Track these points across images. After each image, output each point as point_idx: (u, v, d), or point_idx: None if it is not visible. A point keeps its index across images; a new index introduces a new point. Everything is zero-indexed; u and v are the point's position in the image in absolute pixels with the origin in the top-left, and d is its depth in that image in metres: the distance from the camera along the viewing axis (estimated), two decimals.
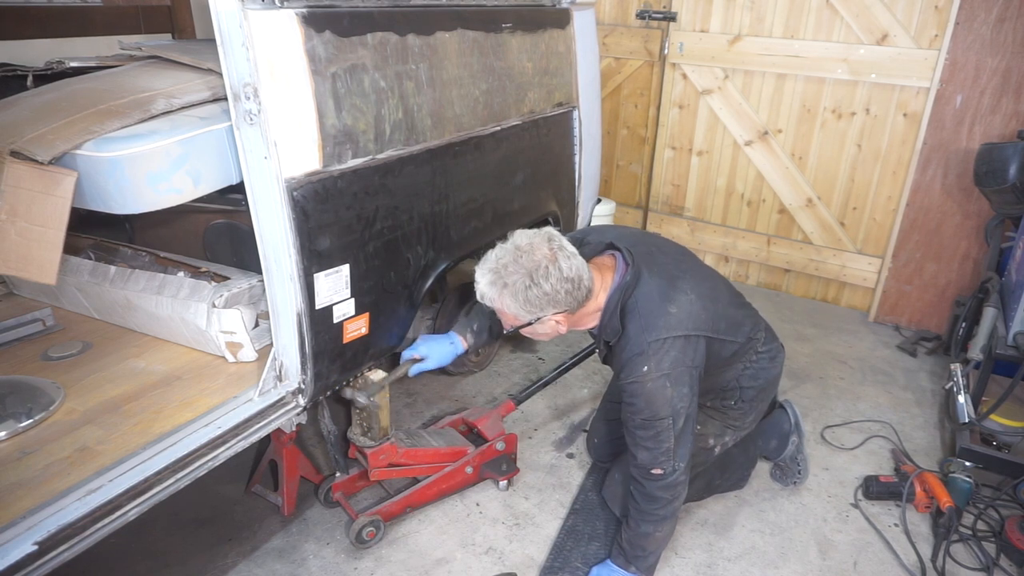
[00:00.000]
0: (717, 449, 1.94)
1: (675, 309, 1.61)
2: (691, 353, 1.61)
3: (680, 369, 1.59)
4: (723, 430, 1.93)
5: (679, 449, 1.62)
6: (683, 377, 1.59)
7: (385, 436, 1.93)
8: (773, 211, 3.57)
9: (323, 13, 1.54)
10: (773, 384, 1.95)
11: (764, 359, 1.88)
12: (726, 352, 1.76)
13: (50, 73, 2.03)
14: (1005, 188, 2.62)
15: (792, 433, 2.13)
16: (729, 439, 1.95)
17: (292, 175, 1.52)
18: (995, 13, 2.74)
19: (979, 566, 1.91)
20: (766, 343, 1.89)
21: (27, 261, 1.44)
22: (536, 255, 1.53)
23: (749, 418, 1.94)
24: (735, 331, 1.77)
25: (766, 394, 1.95)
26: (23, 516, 1.26)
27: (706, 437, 1.90)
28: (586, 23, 2.60)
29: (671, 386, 1.58)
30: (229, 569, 1.85)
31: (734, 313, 1.79)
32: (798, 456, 2.14)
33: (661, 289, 1.63)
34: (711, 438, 1.91)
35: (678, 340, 1.59)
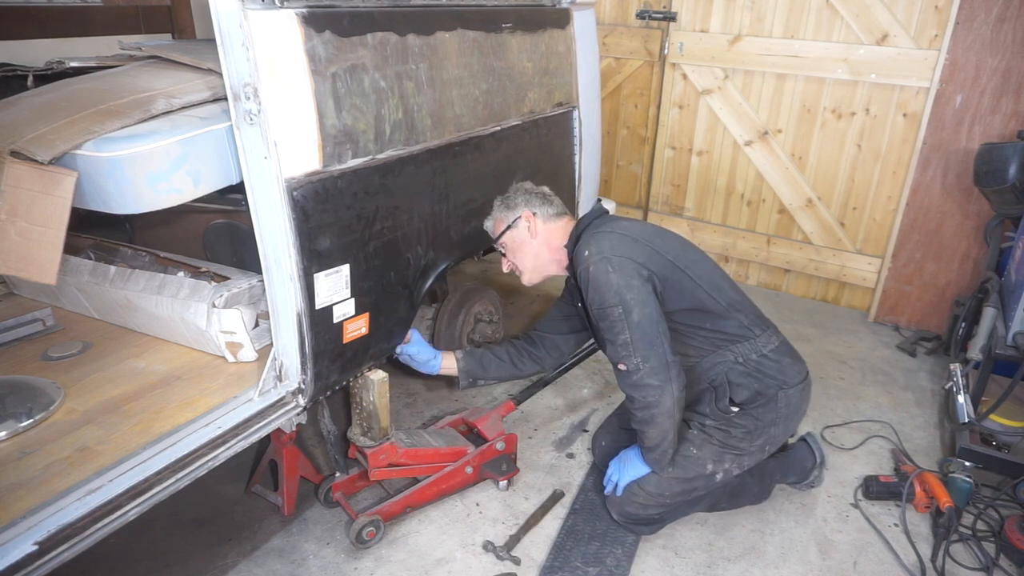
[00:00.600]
0: (719, 476, 1.87)
1: (626, 223, 1.84)
2: (638, 252, 1.72)
3: (622, 259, 1.69)
4: (721, 455, 1.85)
5: (639, 345, 1.68)
6: (628, 268, 1.68)
7: (385, 436, 1.93)
8: (773, 211, 3.57)
9: (323, 13, 1.54)
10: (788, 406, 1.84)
11: (768, 362, 1.83)
12: (702, 299, 1.77)
13: (50, 73, 2.03)
14: (1005, 188, 2.62)
15: (815, 469, 2.12)
16: (731, 465, 1.87)
17: (292, 175, 1.52)
18: (995, 13, 2.74)
19: (979, 566, 1.91)
20: (777, 353, 1.84)
21: (27, 261, 1.44)
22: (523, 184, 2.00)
23: (755, 443, 1.85)
24: (711, 285, 1.79)
25: (779, 416, 1.83)
26: (23, 516, 1.26)
27: (704, 461, 1.85)
28: (586, 23, 2.60)
29: (614, 271, 1.68)
30: (229, 569, 1.85)
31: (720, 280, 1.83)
32: (815, 480, 2.16)
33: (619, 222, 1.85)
34: (709, 463, 1.85)
35: (623, 237, 1.75)
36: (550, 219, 1.92)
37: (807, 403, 1.93)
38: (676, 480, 1.86)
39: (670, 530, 2.02)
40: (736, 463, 1.88)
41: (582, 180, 2.78)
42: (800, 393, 1.88)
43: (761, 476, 2.08)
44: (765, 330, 1.87)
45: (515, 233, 1.94)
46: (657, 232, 1.86)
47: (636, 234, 1.79)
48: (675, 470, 1.85)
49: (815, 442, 2.16)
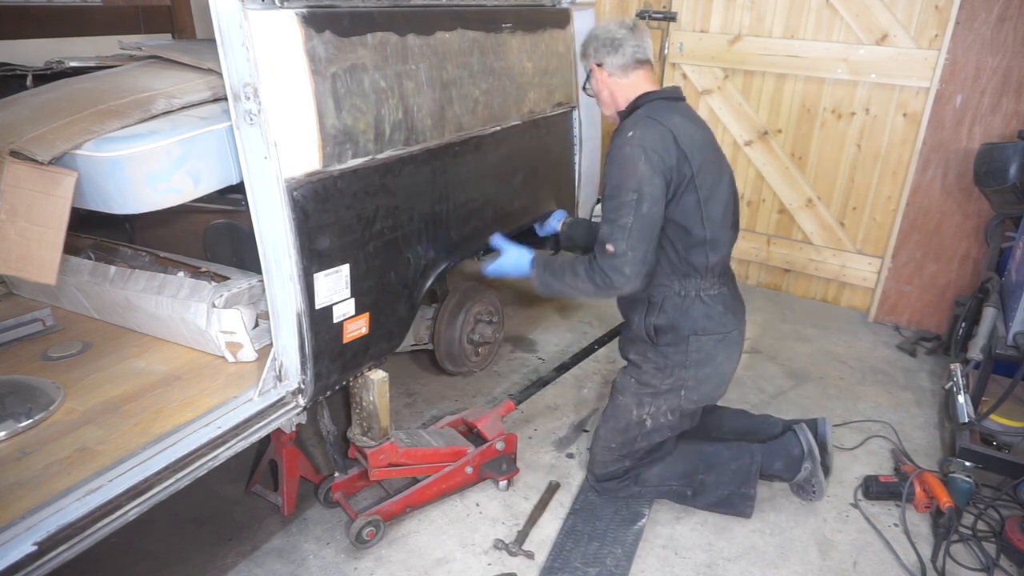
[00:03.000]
0: (648, 421, 1.99)
1: (679, 119, 1.81)
2: (672, 156, 1.75)
3: (657, 156, 1.73)
4: (639, 396, 1.97)
5: (635, 235, 1.74)
6: (658, 167, 1.73)
7: (385, 436, 1.93)
8: (773, 211, 3.57)
9: (323, 13, 1.54)
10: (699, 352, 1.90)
11: (699, 304, 1.88)
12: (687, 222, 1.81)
13: (50, 73, 2.03)
14: (1005, 188, 2.62)
15: (805, 459, 2.08)
16: (652, 409, 1.97)
17: (292, 175, 1.52)
18: (995, 13, 2.74)
19: (979, 566, 1.91)
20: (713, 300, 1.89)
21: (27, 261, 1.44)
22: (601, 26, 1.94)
23: (667, 381, 1.94)
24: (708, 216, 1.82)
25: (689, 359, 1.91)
26: (23, 516, 1.26)
27: (628, 408, 1.99)
28: (586, 23, 2.60)
29: (645, 162, 1.72)
30: (229, 569, 1.85)
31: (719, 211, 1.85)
32: (812, 479, 2.09)
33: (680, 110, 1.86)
34: (633, 408, 1.98)
35: (667, 134, 1.76)
36: (617, 72, 1.90)
37: (726, 357, 1.96)
38: (613, 431, 2.03)
39: (670, 530, 2.02)
40: (655, 405, 1.97)
41: (582, 180, 2.78)
42: (715, 344, 1.91)
43: (739, 451, 2.06)
44: (718, 276, 1.92)
45: (592, 80, 1.98)
46: (704, 142, 1.86)
47: (684, 135, 1.79)
48: (610, 421, 2.03)
49: (804, 432, 2.09)
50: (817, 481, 2.09)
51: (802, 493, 2.15)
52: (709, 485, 2.04)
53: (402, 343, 2.11)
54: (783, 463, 2.10)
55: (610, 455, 2.06)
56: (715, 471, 2.04)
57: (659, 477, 2.06)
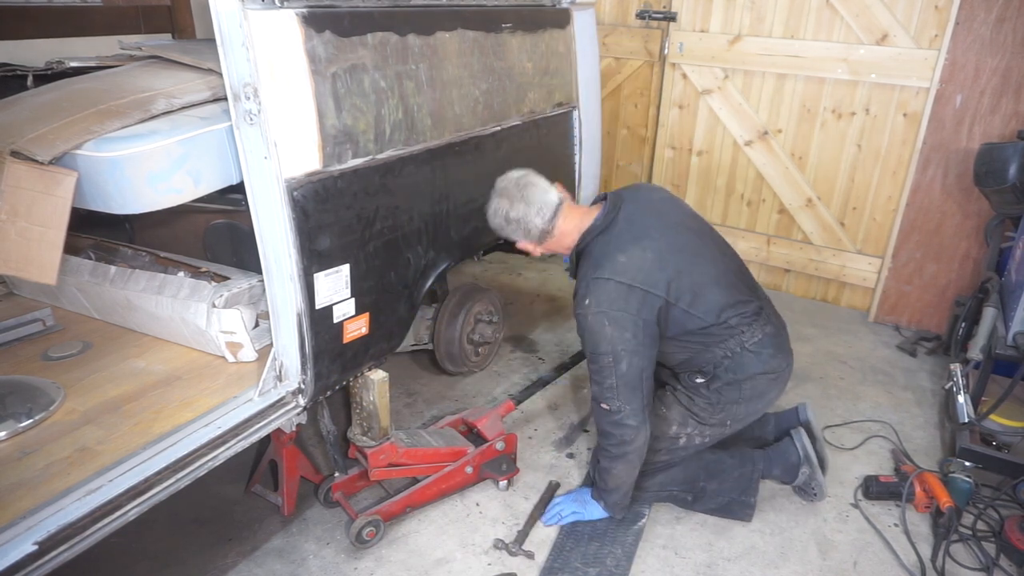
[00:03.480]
0: (682, 440, 1.97)
1: (624, 258, 1.79)
2: (633, 302, 1.76)
3: (620, 313, 1.75)
4: (685, 418, 1.95)
5: (623, 392, 1.78)
6: (624, 322, 1.75)
7: (385, 436, 1.93)
8: (773, 211, 3.57)
9: (323, 13, 1.54)
10: (753, 390, 1.92)
11: (748, 355, 1.88)
12: (692, 324, 1.83)
13: (50, 73, 2.03)
14: (1005, 188, 2.62)
15: (802, 465, 2.09)
16: (693, 431, 1.96)
17: (292, 175, 1.52)
18: (995, 13, 2.74)
19: (979, 566, 1.91)
20: (759, 345, 1.89)
21: (27, 261, 1.44)
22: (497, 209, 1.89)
23: (717, 416, 1.94)
24: (702, 306, 1.83)
25: (742, 397, 1.92)
26: (23, 516, 1.26)
27: (669, 423, 1.97)
28: (586, 23, 2.60)
29: (609, 325, 1.75)
30: (229, 569, 1.85)
31: (712, 291, 1.85)
32: (812, 483, 2.11)
33: (621, 240, 1.82)
34: (674, 424, 1.97)
35: (619, 286, 1.76)
36: (546, 237, 1.90)
37: (777, 391, 1.99)
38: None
39: (670, 530, 2.02)
40: (698, 431, 1.97)
41: (582, 180, 2.78)
42: (769, 383, 1.94)
43: (742, 460, 2.07)
44: (754, 322, 1.90)
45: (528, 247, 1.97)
46: (662, 251, 1.81)
47: (635, 270, 1.77)
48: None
49: (800, 438, 2.12)
50: (816, 484, 2.10)
51: (803, 495, 2.16)
52: (710, 492, 2.05)
53: (402, 343, 2.11)
54: (781, 469, 2.12)
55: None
56: (717, 479, 2.04)
57: (660, 484, 2.05)
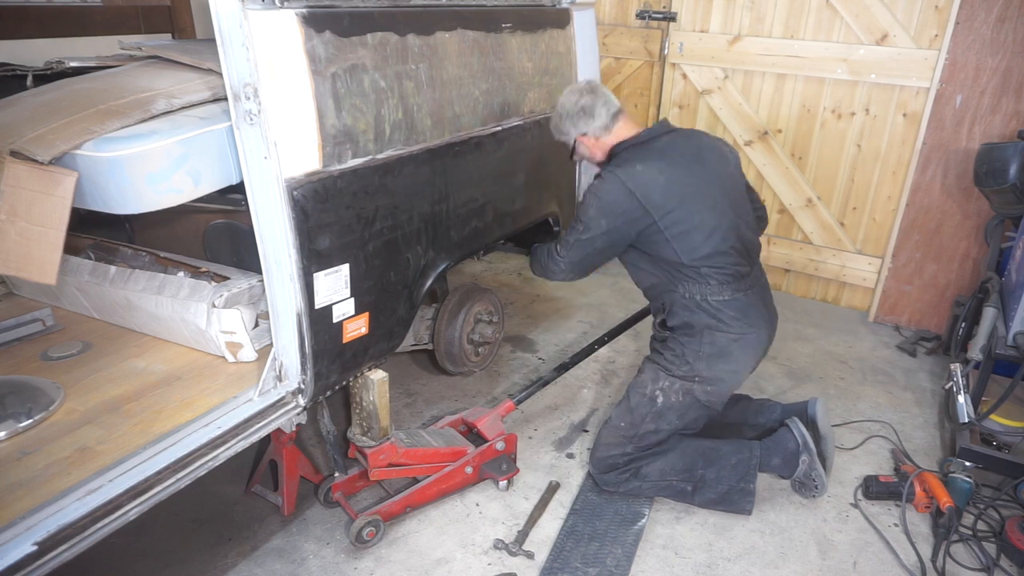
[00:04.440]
0: (660, 399, 2.03)
1: (640, 168, 1.95)
2: (621, 206, 1.93)
3: (607, 206, 1.94)
4: (656, 373, 2.05)
5: (571, 250, 2.03)
6: (606, 213, 1.94)
7: (385, 436, 1.93)
8: (773, 211, 3.57)
9: (323, 13, 1.54)
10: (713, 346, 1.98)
11: (707, 306, 1.96)
12: (666, 254, 1.96)
13: (50, 73, 2.03)
14: (1005, 188, 2.62)
15: (801, 453, 2.10)
16: (665, 384, 2.03)
17: (292, 175, 1.52)
18: (995, 13, 2.74)
19: (979, 566, 1.91)
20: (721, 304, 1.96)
21: (27, 261, 1.44)
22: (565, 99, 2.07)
23: (683, 368, 2.01)
24: (683, 245, 1.93)
25: (702, 351, 1.99)
26: (23, 516, 1.26)
27: (644, 383, 2.06)
28: (586, 23, 2.60)
29: (595, 207, 1.95)
30: (229, 569, 1.85)
31: (699, 238, 1.93)
32: (812, 473, 2.11)
33: (647, 156, 1.98)
34: (648, 382, 2.05)
35: (623, 187, 1.92)
36: (601, 133, 2.06)
37: (745, 357, 2.02)
38: (625, 410, 2.09)
39: (670, 530, 2.02)
40: (669, 384, 2.03)
41: (582, 180, 2.78)
42: (730, 342, 1.99)
43: (739, 447, 2.09)
44: (726, 286, 1.97)
45: (580, 148, 2.12)
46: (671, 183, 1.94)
47: (642, 184, 1.92)
48: (624, 402, 2.10)
49: (796, 426, 2.12)
50: (817, 474, 2.10)
51: (804, 490, 2.16)
52: (709, 480, 2.05)
53: (402, 343, 2.11)
54: (780, 459, 2.12)
55: (615, 436, 2.08)
56: (715, 466, 2.05)
57: (660, 472, 2.06)
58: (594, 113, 2.02)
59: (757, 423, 2.26)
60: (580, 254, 2.03)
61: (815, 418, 2.18)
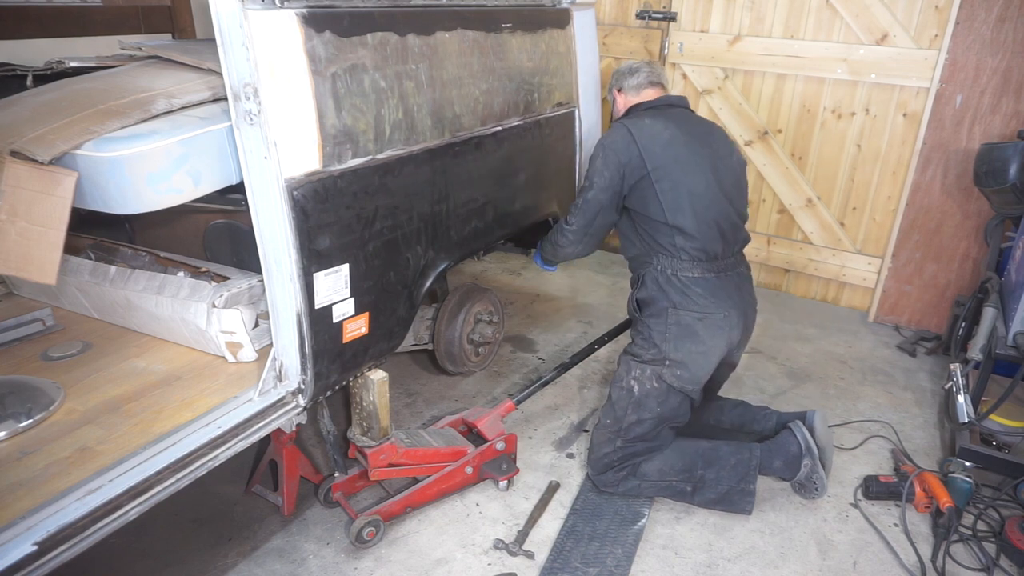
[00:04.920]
0: (636, 388, 2.04)
1: (648, 121, 2.07)
2: (623, 153, 2.02)
3: (611, 152, 2.03)
4: (628, 363, 2.08)
5: (580, 212, 2.12)
6: (609, 161, 2.03)
7: (385, 436, 1.93)
8: (773, 211, 3.57)
9: (323, 13, 1.54)
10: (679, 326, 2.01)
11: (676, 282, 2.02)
12: (651, 210, 2.02)
13: (50, 73, 2.03)
14: (1005, 188, 2.62)
15: (803, 456, 2.08)
16: (638, 374, 2.04)
17: (292, 175, 1.52)
18: (995, 13, 2.74)
19: (979, 566, 1.91)
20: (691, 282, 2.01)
21: (27, 261, 1.44)
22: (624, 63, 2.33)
23: (651, 351, 2.03)
24: (669, 202, 2.00)
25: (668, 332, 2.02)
26: (23, 516, 1.26)
27: (620, 376, 2.09)
28: (586, 23, 2.60)
29: (601, 157, 2.05)
30: (229, 569, 1.85)
31: (685, 203, 1.99)
32: (813, 476, 2.10)
33: (657, 115, 2.11)
34: (624, 376, 2.07)
35: (628, 134, 2.03)
36: (632, 91, 2.25)
37: (712, 338, 2.03)
38: (608, 407, 2.11)
39: (670, 530, 2.02)
40: (641, 371, 2.05)
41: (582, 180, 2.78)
42: (695, 321, 2.02)
43: (738, 448, 2.08)
44: (698, 263, 2.02)
45: (616, 103, 2.33)
46: (672, 141, 2.03)
47: (647, 135, 2.02)
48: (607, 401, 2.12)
49: (799, 429, 2.11)
50: (818, 477, 2.10)
51: (804, 492, 2.15)
52: (709, 481, 2.05)
53: (402, 343, 2.11)
54: (782, 461, 2.11)
55: (604, 435, 2.09)
56: (714, 466, 2.05)
57: (658, 471, 2.06)
58: (636, 73, 2.23)
59: (754, 430, 2.26)
60: (589, 215, 2.10)
61: (813, 429, 2.15)
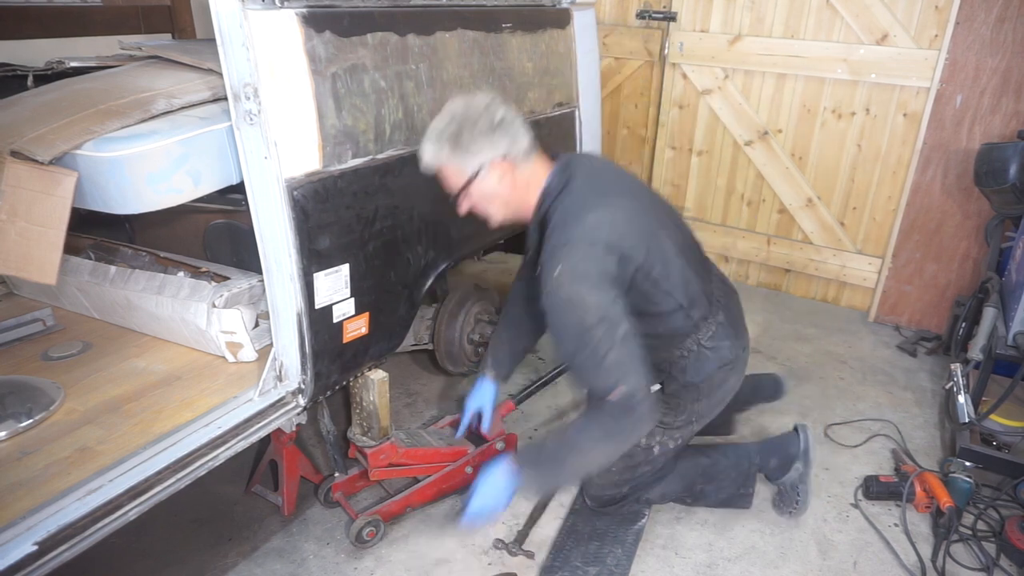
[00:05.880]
0: (656, 448, 1.86)
1: (593, 217, 1.52)
2: (611, 264, 1.50)
3: (598, 276, 1.48)
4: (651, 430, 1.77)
5: (627, 361, 1.46)
6: (603, 284, 1.47)
7: (385, 436, 1.93)
8: (773, 211, 3.57)
9: (323, 13, 1.54)
10: (710, 386, 1.82)
11: (707, 354, 1.77)
12: (654, 304, 1.63)
13: (50, 73, 2.03)
14: (1005, 188, 2.62)
15: (798, 459, 2.03)
16: (663, 438, 1.86)
17: (292, 175, 1.52)
18: (995, 13, 2.74)
19: (979, 566, 1.91)
20: (715, 339, 1.77)
21: (27, 261, 1.45)
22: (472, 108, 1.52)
23: (680, 418, 1.84)
24: (670, 280, 1.62)
25: (701, 395, 1.83)
26: (23, 516, 1.26)
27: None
28: (586, 23, 2.60)
29: (590, 291, 1.46)
30: (229, 569, 1.85)
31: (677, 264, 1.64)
32: (799, 486, 2.04)
33: (586, 200, 1.54)
34: (643, 440, 1.84)
35: (592, 247, 1.49)
36: (524, 161, 1.58)
37: (736, 378, 1.87)
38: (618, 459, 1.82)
39: (670, 530, 2.02)
40: (667, 436, 1.87)
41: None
42: (725, 373, 1.81)
43: (737, 459, 2.03)
44: (708, 316, 1.76)
45: (482, 184, 1.58)
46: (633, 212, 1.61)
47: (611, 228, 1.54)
48: None
49: (805, 432, 2.05)
50: (804, 490, 2.02)
51: (784, 504, 2.08)
52: (709, 492, 2.03)
53: (402, 343, 2.11)
54: (778, 460, 2.05)
55: (608, 479, 1.95)
56: (715, 481, 2.03)
57: (660, 495, 2.02)
58: (517, 131, 1.56)
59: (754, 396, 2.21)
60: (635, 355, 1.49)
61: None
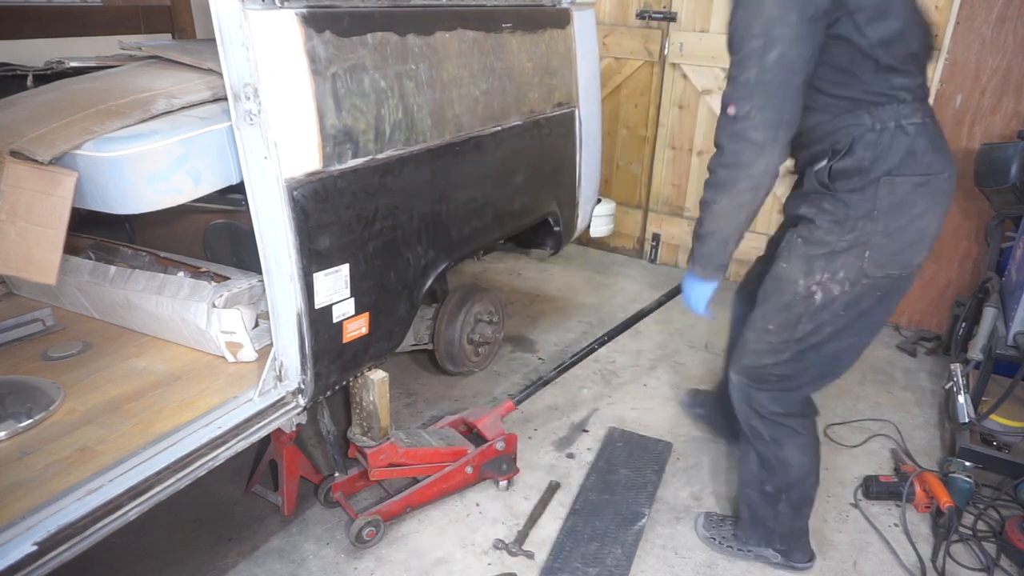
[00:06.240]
0: (817, 295, 1.55)
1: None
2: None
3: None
4: (810, 262, 1.54)
5: (758, 92, 1.37)
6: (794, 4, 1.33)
7: (385, 436, 1.93)
8: (773, 211, 3.57)
9: (323, 13, 1.54)
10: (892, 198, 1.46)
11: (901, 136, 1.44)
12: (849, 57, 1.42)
13: (50, 73, 2.03)
14: (1005, 188, 2.62)
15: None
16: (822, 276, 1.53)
17: (292, 175, 1.52)
18: (995, 13, 2.74)
19: (979, 566, 1.91)
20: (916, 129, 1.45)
21: (27, 261, 1.44)
22: None
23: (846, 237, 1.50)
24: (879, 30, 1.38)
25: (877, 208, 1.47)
26: (23, 516, 1.26)
27: (795, 276, 1.57)
28: (586, 23, 2.60)
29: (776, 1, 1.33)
30: (229, 569, 1.85)
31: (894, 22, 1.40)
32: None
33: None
34: (800, 277, 1.56)
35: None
36: None
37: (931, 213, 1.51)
38: (773, 307, 1.63)
39: (670, 530, 2.02)
40: (828, 270, 1.53)
41: (582, 180, 2.78)
42: (913, 188, 1.46)
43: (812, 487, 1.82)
44: (919, 103, 1.48)
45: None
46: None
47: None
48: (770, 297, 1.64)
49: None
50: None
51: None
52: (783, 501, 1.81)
53: (402, 343, 2.11)
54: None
55: (765, 341, 1.65)
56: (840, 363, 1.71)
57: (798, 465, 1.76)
58: None
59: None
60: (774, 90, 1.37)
61: None
